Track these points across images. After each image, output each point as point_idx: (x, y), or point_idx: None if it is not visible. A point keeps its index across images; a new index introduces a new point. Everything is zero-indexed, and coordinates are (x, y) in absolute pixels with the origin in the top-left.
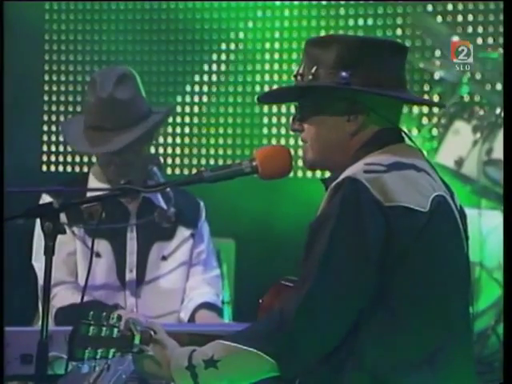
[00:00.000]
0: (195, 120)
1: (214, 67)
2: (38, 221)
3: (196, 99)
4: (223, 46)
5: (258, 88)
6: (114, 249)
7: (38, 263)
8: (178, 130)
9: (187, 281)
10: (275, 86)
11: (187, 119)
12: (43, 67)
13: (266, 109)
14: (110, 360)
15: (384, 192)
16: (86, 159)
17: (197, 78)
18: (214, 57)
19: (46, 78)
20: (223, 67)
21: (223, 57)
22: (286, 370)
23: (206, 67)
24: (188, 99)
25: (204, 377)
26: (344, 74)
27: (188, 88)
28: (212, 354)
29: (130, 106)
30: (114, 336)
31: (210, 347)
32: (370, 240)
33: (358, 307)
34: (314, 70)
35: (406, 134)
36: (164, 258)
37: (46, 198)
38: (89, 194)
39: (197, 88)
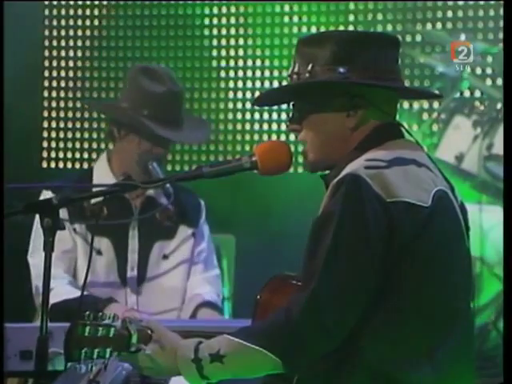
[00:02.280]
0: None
1: (214, 63)
2: (37, 217)
3: (196, 95)
4: (223, 42)
5: (258, 83)
6: (115, 247)
7: (34, 260)
8: None
9: (188, 280)
10: (275, 82)
11: None
12: (43, 63)
13: None
14: (107, 359)
15: (385, 188)
16: (86, 155)
17: (197, 74)
18: (214, 52)
19: (46, 73)
20: (223, 63)
21: (223, 53)
22: (290, 368)
23: (205, 63)
24: (188, 95)
25: (209, 370)
26: (341, 69)
27: (188, 84)
28: (218, 348)
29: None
30: (111, 336)
31: (217, 341)
32: (372, 236)
33: (363, 305)
34: (310, 68)
35: (405, 129)
36: (165, 257)
37: (46, 194)
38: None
39: (197, 84)
